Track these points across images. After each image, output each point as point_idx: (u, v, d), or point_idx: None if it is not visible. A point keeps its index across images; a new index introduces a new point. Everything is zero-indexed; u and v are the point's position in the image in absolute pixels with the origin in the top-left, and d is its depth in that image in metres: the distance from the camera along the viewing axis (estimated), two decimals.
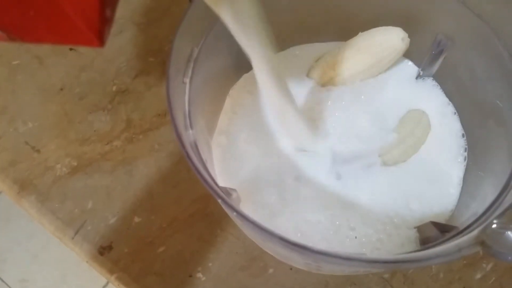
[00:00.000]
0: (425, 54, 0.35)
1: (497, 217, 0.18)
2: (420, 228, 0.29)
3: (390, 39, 0.33)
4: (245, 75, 0.37)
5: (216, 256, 0.37)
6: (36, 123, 0.41)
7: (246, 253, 0.36)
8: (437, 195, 0.33)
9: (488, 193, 0.24)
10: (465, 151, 0.34)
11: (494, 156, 0.28)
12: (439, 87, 0.37)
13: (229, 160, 0.31)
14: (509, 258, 0.17)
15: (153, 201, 0.39)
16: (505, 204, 0.20)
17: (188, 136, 0.22)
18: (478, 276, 0.36)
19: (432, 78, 0.37)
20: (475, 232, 0.19)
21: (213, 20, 0.24)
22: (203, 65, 0.26)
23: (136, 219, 0.38)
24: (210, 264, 0.37)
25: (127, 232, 0.37)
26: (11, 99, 0.42)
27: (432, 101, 0.37)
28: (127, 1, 0.46)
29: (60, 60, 0.44)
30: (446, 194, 0.33)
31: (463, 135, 0.35)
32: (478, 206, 0.23)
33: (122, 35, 0.45)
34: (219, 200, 0.18)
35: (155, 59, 0.44)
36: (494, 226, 0.18)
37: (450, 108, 0.36)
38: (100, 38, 0.18)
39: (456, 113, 0.36)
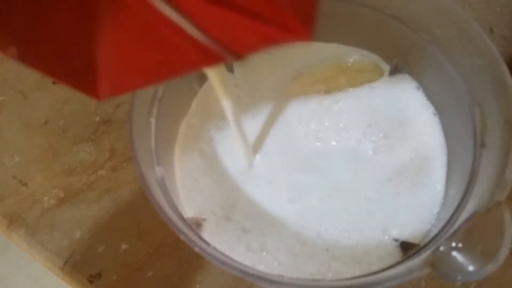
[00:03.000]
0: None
1: (446, 239, 0.19)
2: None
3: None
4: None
5: (204, 277, 0.38)
6: (23, 157, 0.42)
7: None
8: (418, 200, 0.31)
9: (447, 211, 0.24)
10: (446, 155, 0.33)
11: (455, 174, 0.29)
12: (418, 86, 0.36)
13: (191, 179, 0.32)
14: (458, 277, 0.18)
15: (139, 228, 0.39)
16: (458, 224, 0.21)
17: (155, 173, 0.23)
18: (459, 283, 0.37)
19: (409, 75, 0.36)
20: (425, 254, 0.19)
21: None
22: (170, 101, 0.27)
23: (124, 246, 0.39)
24: (198, 286, 0.38)
25: (115, 259, 0.38)
26: None
27: (409, 99, 0.35)
28: None
29: (43, 94, 0.45)
30: (427, 201, 0.31)
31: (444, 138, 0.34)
32: (439, 224, 0.24)
33: None
34: (182, 237, 0.19)
35: None
36: (442, 248, 0.19)
37: (430, 109, 0.35)
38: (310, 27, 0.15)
39: (437, 115, 0.34)
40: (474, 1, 0.49)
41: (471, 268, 0.18)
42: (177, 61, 0.16)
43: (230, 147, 0.33)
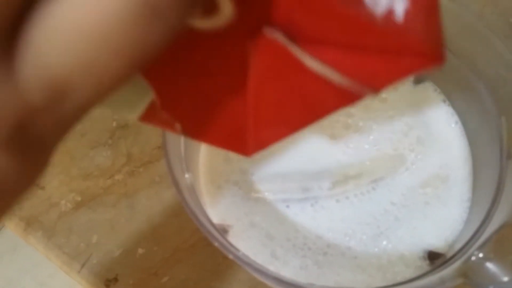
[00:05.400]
0: None
1: (478, 249, 0.19)
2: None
3: None
4: None
5: (219, 284, 0.38)
6: None
7: (249, 280, 0.37)
8: (444, 210, 0.31)
9: (473, 221, 0.25)
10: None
11: (481, 184, 0.29)
12: (444, 99, 0.35)
13: (214, 186, 0.32)
14: None
15: (156, 232, 0.40)
16: (486, 234, 0.22)
17: (185, 179, 0.23)
18: None
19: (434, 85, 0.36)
20: (457, 264, 0.20)
21: None
22: None
23: (140, 251, 0.39)
24: None
25: (131, 263, 0.39)
26: None
27: (431, 110, 0.35)
28: None
29: None
30: (453, 211, 0.31)
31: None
32: (466, 234, 0.24)
33: None
34: (216, 244, 0.19)
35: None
36: (474, 258, 0.19)
37: (453, 118, 0.35)
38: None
39: (462, 126, 0.34)
40: (487, 11, 0.49)
41: (505, 278, 0.18)
42: (320, 107, 0.17)
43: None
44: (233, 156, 0.33)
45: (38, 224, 0.40)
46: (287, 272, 0.27)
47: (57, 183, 0.42)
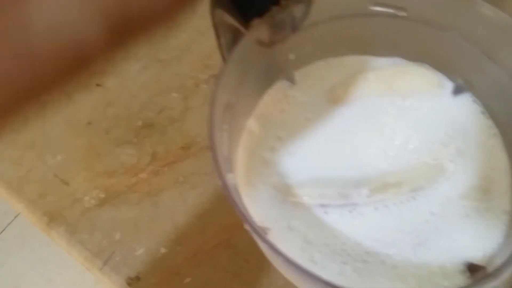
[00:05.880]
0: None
1: None
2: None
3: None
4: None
5: (242, 287, 0.38)
6: (65, 156, 0.43)
7: (271, 284, 0.37)
8: (484, 222, 0.31)
9: None
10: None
11: None
12: (483, 111, 0.35)
13: (252, 188, 0.32)
14: None
15: (178, 232, 0.40)
16: None
17: (229, 179, 0.24)
18: None
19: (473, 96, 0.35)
20: (504, 276, 0.20)
21: (244, 74, 0.26)
22: (240, 108, 0.27)
23: (162, 250, 0.39)
24: None
25: (154, 263, 0.39)
26: (40, 133, 0.44)
27: (471, 121, 0.35)
28: (152, 40, 0.48)
29: (87, 96, 0.45)
30: (493, 223, 0.31)
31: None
32: (506, 247, 0.24)
33: (146, 72, 0.46)
34: (263, 243, 0.19)
35: (178, 95, 0.45)
36: None
37: (492, 130, 0.35)
38: None
39: (501, 137, 0.34)
40: None
41: None
42: None
43: (291, 159, 0.33)
44: (270, 158, 0.33)
45: (62, 219, 0.40)
46: (325, 278, 0.27)
47: (81, 179, 0.42)
